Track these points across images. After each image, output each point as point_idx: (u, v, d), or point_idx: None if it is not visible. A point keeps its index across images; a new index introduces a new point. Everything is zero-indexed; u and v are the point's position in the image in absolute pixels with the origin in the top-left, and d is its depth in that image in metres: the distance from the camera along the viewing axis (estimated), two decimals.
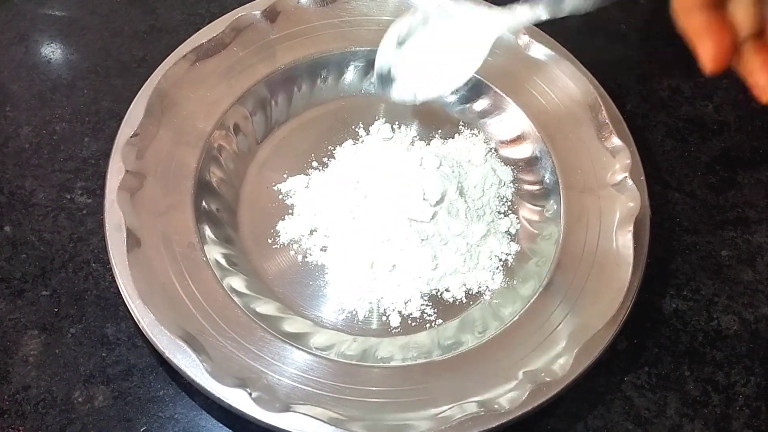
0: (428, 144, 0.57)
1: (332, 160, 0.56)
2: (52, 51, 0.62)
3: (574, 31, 0.67)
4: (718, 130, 0.63)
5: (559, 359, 0.45)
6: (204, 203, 0.51)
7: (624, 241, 0.50)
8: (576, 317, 0.47)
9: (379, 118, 0.58)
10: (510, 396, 0.43)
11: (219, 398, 0.42)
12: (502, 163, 0.57)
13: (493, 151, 0.58)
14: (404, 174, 0.51)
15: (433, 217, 0.50)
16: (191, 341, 0.44)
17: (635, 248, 0.49)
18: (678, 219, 0.57)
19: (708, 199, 0.59)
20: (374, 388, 0.45)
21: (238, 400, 0.42)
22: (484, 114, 0.59)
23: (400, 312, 0.50)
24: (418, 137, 0.58)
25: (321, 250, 0.52)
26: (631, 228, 0.49)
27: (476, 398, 0.44)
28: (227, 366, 0.44)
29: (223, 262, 0.49)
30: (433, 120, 0.59)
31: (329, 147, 0.57)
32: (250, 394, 0.42)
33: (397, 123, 0.58)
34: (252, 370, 0.44)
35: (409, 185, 0.50)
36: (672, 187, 0.59)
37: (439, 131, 0.58)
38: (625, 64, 0.66)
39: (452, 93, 0.58)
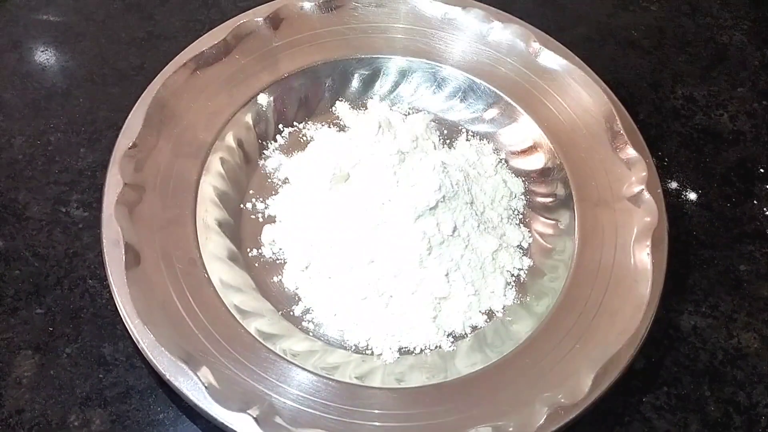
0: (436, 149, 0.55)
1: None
2: (47, 58, 0.61)
3: (584, 38, 0.66)
4: (734, 140, 0.61)
5: (577, 380, 0.43)
6: (205, 217, 0.49)
7: (641, 257, 0.48)
8: (593, 336, 0.46)
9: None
10: (526, 420, 0.42)
11: (222, 422, 0.40)
12: (513, 174, 0.56)
13: (503, 161, 0.56)
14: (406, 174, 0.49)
15: (438, 223, 0.48)
16: (192, 362, 0.42)
17: (653, 264, 0.47)
18: (694, 232, 0.56)
19: (725, 211, 0.57)
20: (383, 412, 0.43)
21: (242, 424, 0.40)
22: (495, 123, 0.57)
23: (410, 331, 0.48)
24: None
25: (327, 276, 0.50)
26: (648, 243, 0.48)
27: (490, 422, 0.42)
28: (230, 388, 0.42)
29: (225, 278, 0.48)
30: (443, 129, 0.58)
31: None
32: (255, 419, 0.40)
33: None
34: (256, 392, 0.42)
35: (413, 184, 0.48)
36: (687, 199, 0.57)
37: (448, 141, 0.57)
38: (637, 72, 0.65)
39: (462, 102, 0.57)
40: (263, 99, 0.55)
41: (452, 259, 0.49)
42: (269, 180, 0.54)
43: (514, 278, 0.51)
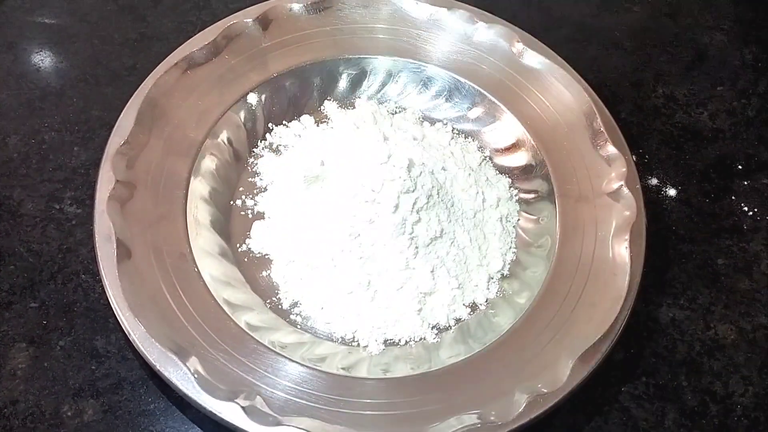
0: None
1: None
2: (41, 59, 0.62)
3: (568, 39, 0.67)
4: (713, 137, 0.62)
5: (556, 370, 0.44)
6: (195, 213, 0.50)
7: (620, 250, 0.49)
8: (572, 327, 0.47)
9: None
10: (507, 408, 0.43)
11: (211, 412, 0.41)
12: (497, 172, 0.57)
13: (487, 159, 0.57)
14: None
15: (416, 212, 0.49)
16: (182, 354, 0.43)
17: (631, 257, 0.48)
18: (674, 227, 0.57)
19: (703, 207, 0.58)
20: (369, 401, 0.44)
21: (231, 413, 0.41)
22: (479, 122, 0.58)
23: (395, 323, 0.49)
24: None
25: (314, 270, 0.51)
26: (627, 237, 0.49)
27: (472, 410, 0.43)
28: (219, 379, 0.43)
29: (215, 273, 0.49)
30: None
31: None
32: (243, 408, 0.41)
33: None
34: (244, 382, 0.43)
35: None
36: (667, 195, 0.59)
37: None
38: (619, 72, 0.66)
39: (447, 101, 0.58)
40: (253, 98, 0.56)
41: (438, 256, 0.50)
42: (258, 177, 0.55)
43: (497, 272, 0.52)
